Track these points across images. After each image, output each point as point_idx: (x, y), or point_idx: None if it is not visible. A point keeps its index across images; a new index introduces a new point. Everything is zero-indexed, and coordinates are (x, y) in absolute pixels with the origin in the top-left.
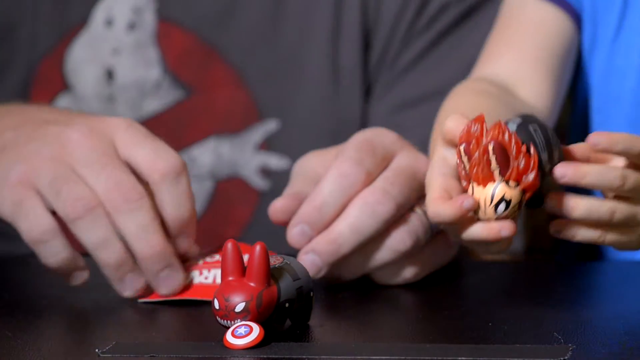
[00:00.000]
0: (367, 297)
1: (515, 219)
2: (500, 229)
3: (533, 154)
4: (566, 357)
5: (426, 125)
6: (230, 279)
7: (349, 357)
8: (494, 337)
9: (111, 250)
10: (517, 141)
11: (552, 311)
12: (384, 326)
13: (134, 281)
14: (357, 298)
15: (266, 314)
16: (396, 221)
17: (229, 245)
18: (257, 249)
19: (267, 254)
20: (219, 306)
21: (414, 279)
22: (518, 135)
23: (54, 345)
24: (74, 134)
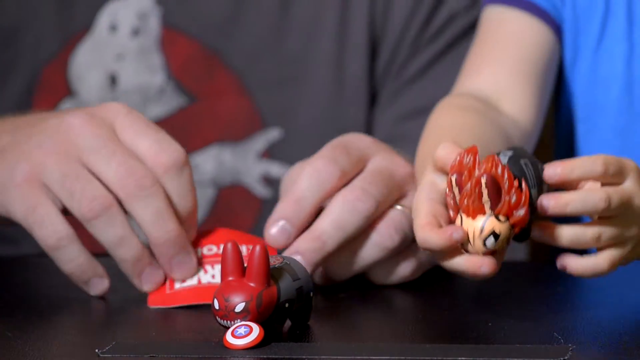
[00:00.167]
0: (367, 298)
1: (503, 253)
2: (481, 264)
3: (524, 190)
4: (566, 357)
5: None
6: (230, 279)
7: (349, 357)
8: (494, 337)
9: (129, 246)
10: (510, 176)
11: (552, 311)
12: (383, 326)
13: (152, 275)
14: (357, 298)
15: (266, 314)
16: (380, 218)
17: (229, 245)
18: (257, 249)
19: (267, 254)
20: (219, 306)
21: (411, 277)
22: (509, 168)
23: (54, 346)
24: (74, 120)
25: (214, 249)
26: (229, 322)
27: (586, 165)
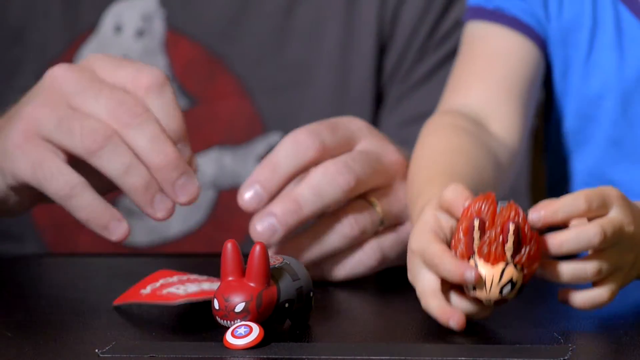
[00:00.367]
0: (366, 298)
1: (505, 303)
2: (450, 317)
3: (541, 241)
4: (566, 357)
5: None
6: (230, 279)
7: (349, 357)
8: (494, 337)
9: (137, 173)
10: (530, 226)
11: (552, 311)
12: (383, 326)
13: (164, 201)
14: (356, 298)
15: (266, 314)
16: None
17: (229, 245)
18: (257, 249)
19: (266, 254)
20: (219, 306)
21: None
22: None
23: (54, 345)
24: (55, 72)
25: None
26: (229, 322)
27: (569, 205)
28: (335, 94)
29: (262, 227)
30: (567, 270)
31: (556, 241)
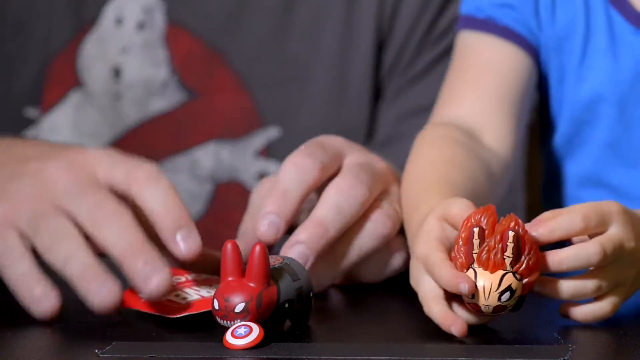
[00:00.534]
0: (366, 298)
1: (504, 311)
2: (452, 324)
3: (541, 255)
4: (566, 357)
5: None
6: (230, 279)
7: (349, 357)
8: (494, 337)
9: (79, 260)
10: (529, 237)
11: (552, 311)
12: (384, 326)
13: (103, 289)
14: (356, 299)
15: (266, 315)
16: (371, 208)
17: (229, 245)
18: (257, 249)
19: (266, 254)
20: (219, 306)
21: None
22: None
23: (54, 346)
24: (53, 170)
25: (203, 276)
26: (228, 322)
27: (566, 224)
28: (334, 90)
29: (293, 257)
30: (567, 287)
31: (556, 259)
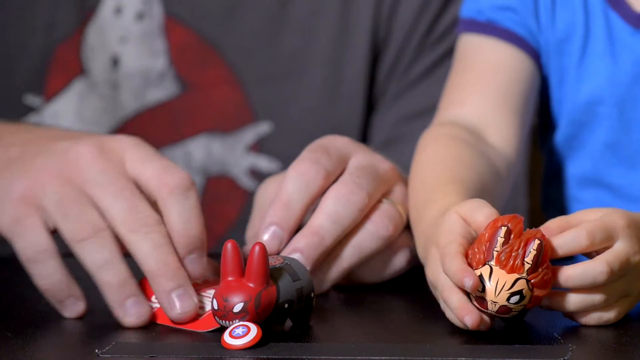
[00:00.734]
0: (366, 298)
1: (507, 315)
2: (467, 313)
3: (555, 275)
4: (566, 357)
5: None
6: (230, 279)
7: (349, 357)
8: (494, 337)
9: (114, 270)
10: (550, 254)
11: (553, 311)
12: (384, 326)
13: (137, 306)
14: (356, 298)
15: (265, 315)
16: (372, 210)
17: (229, 245)
18: (257, 249)
19: (266, 254)
20: (218, 306)
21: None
22: None
23: (54, 345)
24: (83, 150)
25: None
26: (227, 322)
27: (570, 242)
28: (328, 88)
29: None
30: (574, 300)
31: (562, 277)
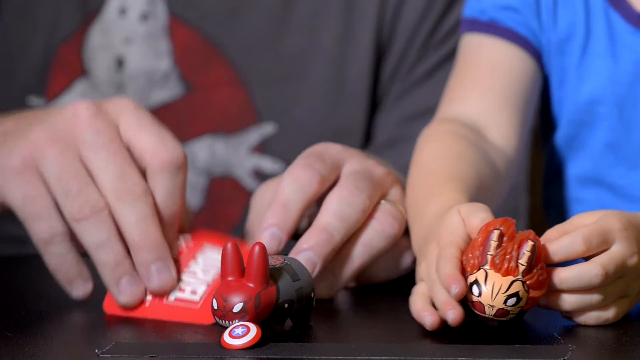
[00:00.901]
0: (367, 298)
1: (505, 318)
2: (450, 309)
3: (550, 275)
4: (566, 357)
5: None
6: (230, 279)
7: (349, 357)
8: (494, 337)
9: (111, 250)
10: (544, 254)
11: (552, 311)
12: (384, 326)
13: (131, 285)
14: (356, 298)
15: (265, 315)
16: (375, 211)
17: (229, 245)
18: (256, 249)
19: (266, 254)
20: (218, 306)
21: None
22: None
23: (54, 345)
24: (81, 108)
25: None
26: (227, 322)
27: (567, 247)
28: (331, 88)
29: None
30: (571, 300)
31: (557, 279)
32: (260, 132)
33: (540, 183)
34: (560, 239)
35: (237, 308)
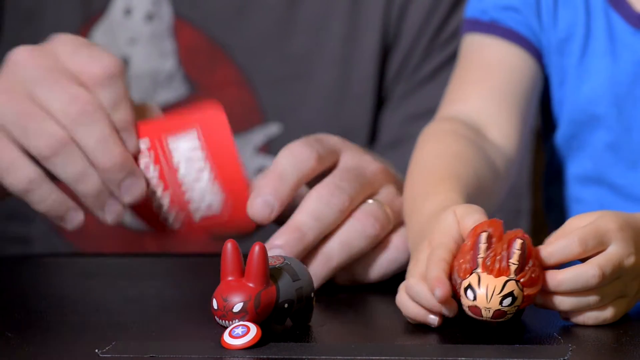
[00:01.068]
0: (367, 298)
1: (502, 318)
2: (438, 286)
3: (543, 272)
4: (566, 357)
5: None
6: (230, 279)
7: (349, 357)
8: (494, 337)
9: (90, 181)
10: (535, 251)
11: (552, 311)
12: (384, 326)
13: (113, 205)
14: (357, 298)
15: (265, 315)
16: (357, 210)
17: (229, 245)
18: (256, 249)
19: (266, 254)
20: (218, 306)
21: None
22: None
23: (54, 346)
24: (19, 52)
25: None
26: (227, 322)
27: (563, 249)
28: (337, 89)
29: None
30: (569, 301)
31: (554, 281)
32: (265, 133)
33: (542, 183)
34: (556, 242)
35: (237, 308)
